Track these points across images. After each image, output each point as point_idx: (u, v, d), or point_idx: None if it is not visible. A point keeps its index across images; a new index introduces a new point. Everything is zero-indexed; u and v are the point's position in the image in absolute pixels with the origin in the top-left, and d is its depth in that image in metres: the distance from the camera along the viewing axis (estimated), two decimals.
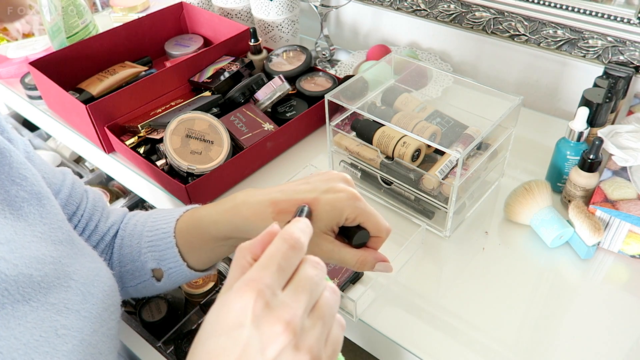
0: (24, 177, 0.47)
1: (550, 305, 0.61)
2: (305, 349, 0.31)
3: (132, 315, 1.03)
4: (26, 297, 0.41)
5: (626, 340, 0.57)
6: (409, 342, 0.58)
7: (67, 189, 0.59)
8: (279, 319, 0.31)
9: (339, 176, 0.50)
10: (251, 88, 0.88)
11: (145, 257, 0.59)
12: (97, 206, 0.63)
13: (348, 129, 0.76)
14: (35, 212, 0.46)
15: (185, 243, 0.57)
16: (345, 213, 0.47)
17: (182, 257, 0.57)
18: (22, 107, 1.08)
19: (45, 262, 0.43)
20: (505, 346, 0.57)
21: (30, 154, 0.55)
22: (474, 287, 0.63)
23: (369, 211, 0.48)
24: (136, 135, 0.84)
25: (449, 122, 0.72)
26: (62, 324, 0.42)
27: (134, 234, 0.61)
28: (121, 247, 0.62)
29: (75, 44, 0.96)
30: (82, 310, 0.45)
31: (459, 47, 1.01)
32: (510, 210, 0.69)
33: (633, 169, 0.68)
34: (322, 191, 0.47)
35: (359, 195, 0.48)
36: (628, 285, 0.63)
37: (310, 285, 0.34)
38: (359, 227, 0.48)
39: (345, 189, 0.48)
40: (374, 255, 0.49)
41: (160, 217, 0.60)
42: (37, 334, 0.40)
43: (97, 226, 0.62)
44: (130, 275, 0.61)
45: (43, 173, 0.56)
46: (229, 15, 1.14)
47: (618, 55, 0.83)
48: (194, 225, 0.56)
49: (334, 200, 0.46)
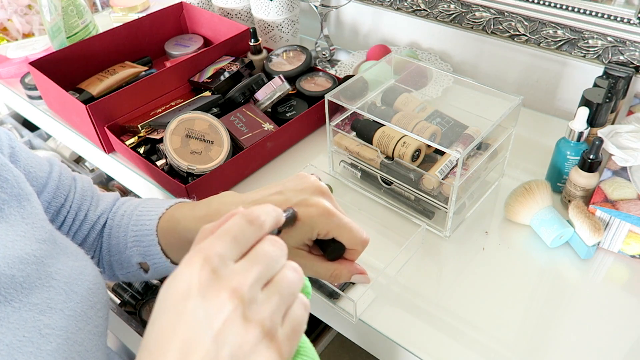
0: (5, 179, 0.47)
1: (550, 305, 0.61)
2: (256, 321, 0.30)
3: (132, 315, 1.03)
4: (8, 298, 0.40)
5: (626, 340, 0.57)
6: (409, 342, 0.58)
7: (54, 181, 0.59)
8: (225, 286, 0.30)
9: (313, 187, 0.47)
10: (251, 88, 0.88)
11: (131, 251, 0.58)
12: (86, 195, 0.63)
13: (348, 129, 0.76)
14: (16, 214, 0.46)
15: (166, 242, 0.57)
16: (317, 229, 0.45)
17: (165, 255, 0.57)
18: (22, 107, 1.08)
19: (28, 262, 0.43)
20: (505, 346, 0.57)
21: (15, 149, 0.54)
22: (474, 287, 0.63)
23: (342, 225, 0.46)
24: (136, 135, 0.84)
25: (449, 122, 0.72)
26: (46, 323, 0.42)
27: (121, 225, 0.61)
28: (109, 237, 0.62)
29: (75, 44, 0.96)
30: (65, 309, 0.44)
31: (459, 47, 1.01)
32: (510, 210, 0.69)
33: (633, 169, 0.68)
34: (293, 204, 0.46)
35: (332, 210, 0.46)
36: (628, 285, 0.63)
37: (265, 259, 0.32)
38: (333, 241, 0.47)
39: (318, 203, 0.46)
40: (348, 268, 0.48)
41: (145, 212, 0.59)
42: (20, 335, 0.40)
43: (86, 215, 0.62)
44: (119, 265, 0.61)
45: (29, 167, 0.56)
46: (229, 15, 1.14)
47: (618, 55, 0.83)
48: (172, 227, 0.55)
49: (304, 215, 0.45)
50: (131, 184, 0.90)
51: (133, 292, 1.08)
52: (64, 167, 0.62)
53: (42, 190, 0.58)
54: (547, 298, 0.62)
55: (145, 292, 1.09)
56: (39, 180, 0.57)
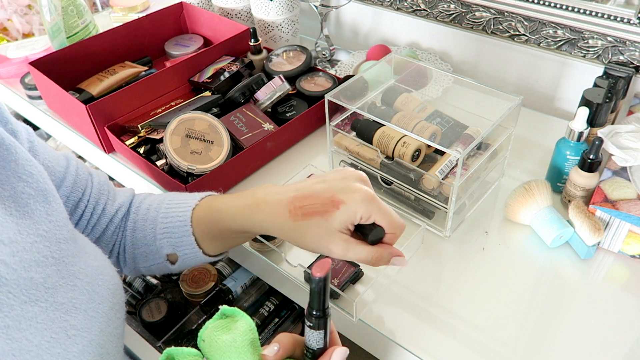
0: (30, 173, 0.47)
1: (550, 305, 0.61)
2: None
3: (132, 315, 1.03)
4: (32, 298, 0.40)
5: (626, 340, 0.57)
6: (409, 342, 0.58)
7: (71, 176, 0.59)
8: None
9: (355, 175, 0.51)
10: (251, 88, 0.88)
11: (161, 242, 0.59)
12: (103, 189, 0.63)
13: (348, 129, 0.76)
14: (42, 209, 0.46)
15: (202, 232, 0.58)
16: (359, 213, 0.48)
17: (198, 245, 0.58)
18: (22, 107, 1.08)
19: (47, 264, 0.43)
20: (505, 346, 0.57)
21: (33, 143, 0.55)
22: (474, 287, 0.63)
23: (383, 210, 0.49)
24: (136, 135, 0.84)
25: (449, 122, 0.72)
26: (72, 324, 0.42)
27: (147, 218, 0.61)
28: (134, 230, 0.62)
29: (75, 44, 0.96)
30: (89, 310, 0.45)
31: (459, 47, 1.01)
32: (510, 210, 0.69)
33: (633, 169, 0.68)
34: (337, 190, 0.49)
35: (374, 195, 0.49)
36: (628, 285, 0.63)
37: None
38: (374, 225, 0.49)
39: (360, 188, 0.49)
40: (389, 251, 0.50)
41: (174, 204, 0.60)
42: (48, 335, 0.40)
43: (104, 209, 0.62)
44: (144, 257, 0.62)
45: (47, 162, 0.56)
46: (229, 15, 1.14)
47: (618, 55, 0.83)
48: (211, 217, 0.57)
49: (348, 200, 0.48)
50: (131, 184, 0.90)
51: (133, 292, 1.08)
52: (80, 162, 0.63)
53: (60, 184, 0.58)
54: (547, 298, 0.62)
55: (145, 292, 1.09)
56: (57, 175, 0.58)
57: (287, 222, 0.50)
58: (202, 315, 1.01)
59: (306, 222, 0.49)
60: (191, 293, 1.03)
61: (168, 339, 0.97)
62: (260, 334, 0.99)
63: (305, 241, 0.50)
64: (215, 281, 1.05)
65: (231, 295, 1.02)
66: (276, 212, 0.50)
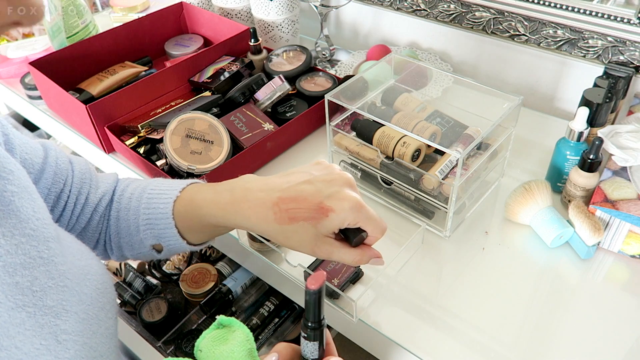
0: (10, 171, 0.45)
1: (550, 306, 0.61)
2: None
3: (132, 315, 1.03)
4: (19, 304, 0.39)
5: (626, 340, 0.57)
6: (409, 342, 0.58)
7: (51, 167, 0.57)
8: None
9: (342, 179, 0.50)
10: (251, 88, 0.88)
11: (145, 234, 0.58)
12: (85, 177, 0.61)
13: (348, 129, 0.76)
14: (28, 207, 0.44)
15: (184, 226, 0.57)
16: (348, 221, 0.48)
17: (182, 236, 0.57)
18: (22, 107, 1.08)
19: (34, 266, 0.41)
20: (505, 346, 0.57)
21: (9, 136, 0.53)
22: (474, 287, 0.63)
23: (369, 217, 0.49)
24: (136, 135, 0.84)
25: (449, 122, 0.72)
26: (62, 328, 0.41)
27: (130, 208, 0.60)
28: (118, 219, 0.60)
29: (75, 44, 0.96)
30: (79, 312, 0.43)
31: (459, 47, 1.01)
32: (510, 210, 0.69)
33: (633, 169, 0.68)
34: (325, 196, 0.48)
35: (362, 203, 0.48)
36: (628, 285, 0.63)
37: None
38: (358, 229, 0.49)
39: (349, 196, 0.48)
40: (368, 254, 0.51)
41: (156, 194, 0.58)
42: (37, 342, 0.38)
43: (87, 198, 0.60)
44: (129, 246, 0.60)
45: (24, 154, 0.54)
46: (229, 15, 1.14)
47: (618, 55, 0.83)
48: (193, 212, 0.55)
49: (337, 208, 0.47)
50: None
51: (133, 292, 1.08)
52: (59, 151, 0.60)
53: (40, 177, 0.56)
54: (547, 298, 0.62)
55: (145, 292, 1.09)
56: (35, 166, 0.55)
57: (272, 224, 0.49)
58: (202, 315, 1.01)
59: (292, 227, 0.48)
60: (191, 293, 1.03)
61: (168, 339, 0.97)
62: (260, 334, 0.99)
63: (290, 243, 0.49)
64: (215, 281, 1.05)
65: (231, 295, 1.02)
66: (261, 214, 0.49)
